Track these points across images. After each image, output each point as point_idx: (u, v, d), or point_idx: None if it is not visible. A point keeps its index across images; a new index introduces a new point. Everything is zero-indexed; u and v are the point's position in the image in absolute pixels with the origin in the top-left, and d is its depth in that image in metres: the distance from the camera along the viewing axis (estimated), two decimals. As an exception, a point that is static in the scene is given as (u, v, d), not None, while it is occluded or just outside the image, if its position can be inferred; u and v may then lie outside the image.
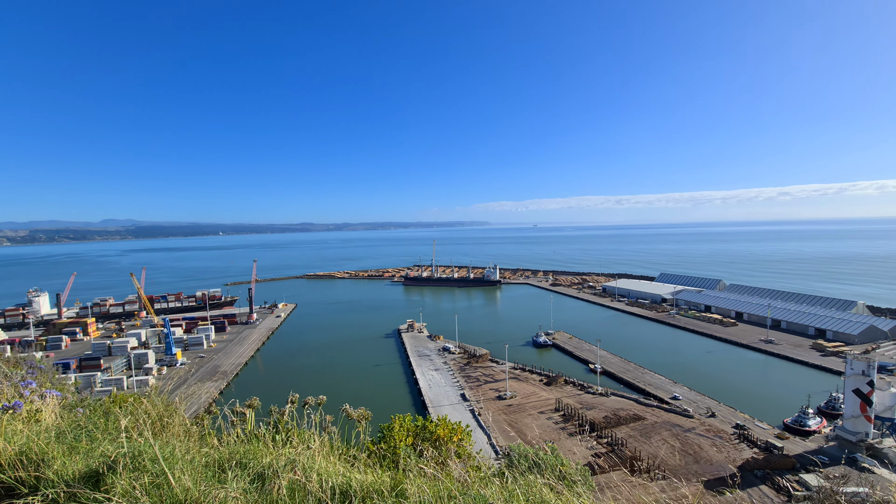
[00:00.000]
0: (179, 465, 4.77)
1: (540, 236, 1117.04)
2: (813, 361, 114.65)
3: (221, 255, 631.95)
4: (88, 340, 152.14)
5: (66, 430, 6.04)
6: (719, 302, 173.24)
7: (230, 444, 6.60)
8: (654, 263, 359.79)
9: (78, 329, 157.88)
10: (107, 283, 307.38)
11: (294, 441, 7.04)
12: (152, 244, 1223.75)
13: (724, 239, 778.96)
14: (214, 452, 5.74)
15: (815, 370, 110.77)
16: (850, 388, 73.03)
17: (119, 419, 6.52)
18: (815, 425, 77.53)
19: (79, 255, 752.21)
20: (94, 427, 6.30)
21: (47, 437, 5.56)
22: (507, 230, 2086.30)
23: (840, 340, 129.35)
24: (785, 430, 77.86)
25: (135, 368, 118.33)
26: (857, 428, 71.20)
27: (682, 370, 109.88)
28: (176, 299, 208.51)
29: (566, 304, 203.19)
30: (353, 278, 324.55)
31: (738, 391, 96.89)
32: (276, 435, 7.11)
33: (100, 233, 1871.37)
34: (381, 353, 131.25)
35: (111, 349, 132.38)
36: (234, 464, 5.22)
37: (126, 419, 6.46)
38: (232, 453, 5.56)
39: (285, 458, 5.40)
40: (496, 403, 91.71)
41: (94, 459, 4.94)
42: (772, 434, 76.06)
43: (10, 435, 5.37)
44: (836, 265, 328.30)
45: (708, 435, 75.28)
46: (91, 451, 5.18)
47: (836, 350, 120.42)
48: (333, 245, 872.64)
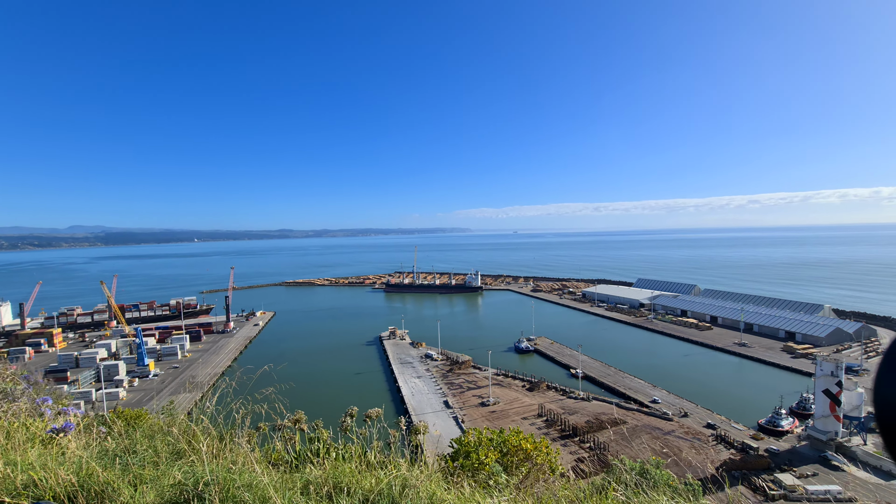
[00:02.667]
0: (277, 494, 4.07)
1: (520, 243, 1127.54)
2: (784, 363, 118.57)
3: (197, 263, 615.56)
4: (54, 352, 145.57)
5: (110, 454, 5.03)
6: (695, 307, 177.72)
7: (322, 465, 5.60)
8: (632, 269, 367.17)
9: (43, 340, 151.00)
10: (74, 292, 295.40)
11: (371, 459, 6.22)
12: (123, 251, 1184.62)
13: (698, 245, 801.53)
14: (304, 476, 4.95)
15: (786, 372, 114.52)
16: (820, 389, 75.61)
17: (176, 440, 5.50)
18: (787, 425, 79.96)
19: (44, 263, 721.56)
20: (135, 450, 5.28)
21: (101, 462, 4.59)
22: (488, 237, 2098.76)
23: (809, 343, 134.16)
24: (759, 431, 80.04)
25: (104, 381, 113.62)
26: (827, 427, 73.68)
27: (661, 373, 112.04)
28: (148, 308, 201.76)
29: (547, 309, 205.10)
30: (333, 285, 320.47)
31: (714, 393, 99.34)
32: (327, 451, 6.27)
33: (67, 239, 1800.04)
34: (362, 361, 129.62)
35: (79, 360, 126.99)
36: (336, 489, 4.53)
37: (183, 440, 5.52)
38: (326, 477, 4.82)
39: (400, 481, 4.68)
40: (479, 410, 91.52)
41: (167, 489, 4.13)
42: (747, 435, 78.06)
43: (60, 461, 4.43)
44: (803, 270, 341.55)
45: (687, 437, 76.75)
46: (159, 480, 4.33)
47: (806, 352, 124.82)
48: (313, 252, 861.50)
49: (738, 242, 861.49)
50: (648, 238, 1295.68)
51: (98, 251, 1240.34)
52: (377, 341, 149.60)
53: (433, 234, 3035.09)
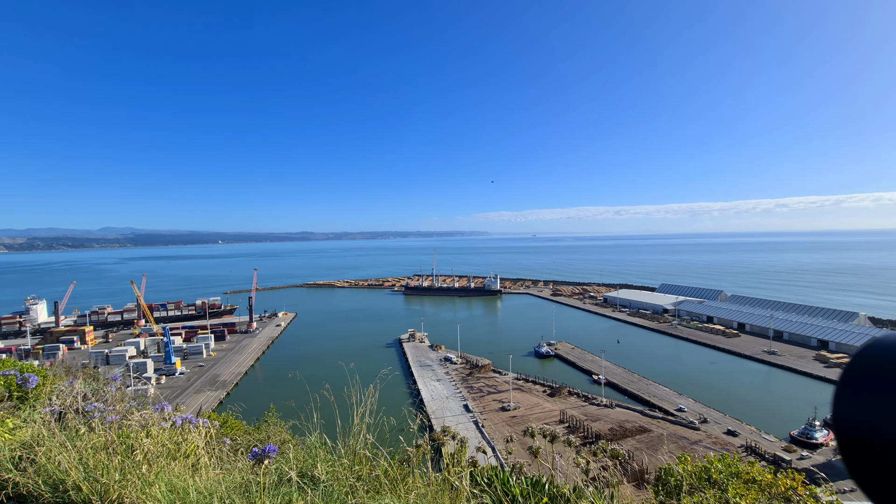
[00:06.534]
0: None
1: (539, 246, 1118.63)
2: (816, 373, 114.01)
3: (221, 264, 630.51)
4: (86, 349, 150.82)
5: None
6: (721, 313, 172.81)
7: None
8: (655, 274, 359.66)
9: (76, 337, 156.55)
10: (105, 291, 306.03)
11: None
12: (151, 252, 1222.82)
13: (723, 250, 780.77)
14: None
15: (818, 381, 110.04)
16: (857, 401, 72.27)
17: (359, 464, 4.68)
18: (821, 438, 76.74)
19: (77, 263, 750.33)
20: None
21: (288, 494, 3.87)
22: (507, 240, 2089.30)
23: (843, 352, 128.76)
24: (792, 443, 77.11)
25: (133, 378, 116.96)
26: (865, 441, 70.27)
27: (686, 381, 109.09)
28: (175, 307, 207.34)
29: (567, 314, 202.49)
30: (353, 287, 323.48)
31: (742, 403, 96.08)
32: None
33: (98, 240, 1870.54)
34: (382, 363, 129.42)
35: (109, 358, 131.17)
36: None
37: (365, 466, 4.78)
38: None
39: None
40: (500, 415, 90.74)
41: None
42: (779, 447, 75.29)
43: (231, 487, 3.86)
44: (836, 276, 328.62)
45: (715, 447, 74.42)
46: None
47: (840, 361, 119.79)
48: (333, 254, 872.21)
49: (766, 247, 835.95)
50: (671, 242, 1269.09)
51: (127, 252, 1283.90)
52: (396, 343, 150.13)
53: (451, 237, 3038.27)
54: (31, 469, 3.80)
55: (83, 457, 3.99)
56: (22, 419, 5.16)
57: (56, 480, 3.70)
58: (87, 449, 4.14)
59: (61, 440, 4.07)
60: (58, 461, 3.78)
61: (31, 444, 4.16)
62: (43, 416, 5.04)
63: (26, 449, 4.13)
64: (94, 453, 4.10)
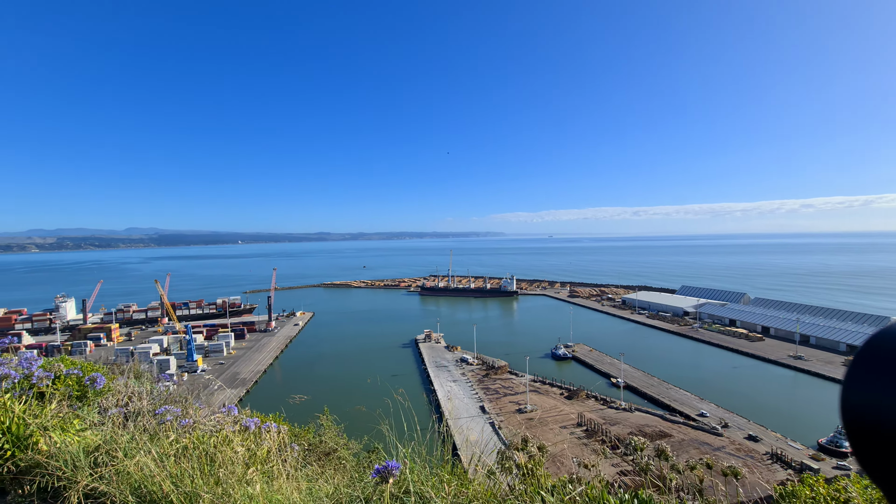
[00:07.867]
0: None
1: (556, 247, 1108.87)
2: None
3: (240, 264, 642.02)
4: (112, 346, 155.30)
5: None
6: (744, 316, 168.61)
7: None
8: (675, 275, 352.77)
9: (102, 334, 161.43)
10: (129, 290, 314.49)
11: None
12: (174, 252, 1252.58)
13: (746, 251, 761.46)
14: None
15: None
16: (890, 409, 69.72)
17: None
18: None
19: (103, 262, 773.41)
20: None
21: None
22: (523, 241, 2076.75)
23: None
24: (820, 451, 74.70)
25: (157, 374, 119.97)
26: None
27: (708, 386, 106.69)
28: (197, 306, 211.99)
29: (584, 315, 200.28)
30: (369, 287, 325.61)
31: (766, 409, 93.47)
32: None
33: (124, 240, 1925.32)
34: (398, 364, 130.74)
35: (134, 355, 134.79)
36: None
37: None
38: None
39: None
40: (516, 417, 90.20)
41: None
42: (806, 455, 73.01)
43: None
44: (866, 279, 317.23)
45: (739, 454, 72.64)
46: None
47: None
48: (349, 254, 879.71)
49: (791, 249, 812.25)
50: (691, 243, 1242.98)
51: (151, 252, 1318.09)
52: (413, 344, 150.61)
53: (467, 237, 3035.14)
54: (109, 472, 3.62)
55: (164, 462, 3.81)
56: (91, 420, 5.04)
57: (138, 485, 3.55)
58: (169, 454, 3.95)
59: (141, 443, 3.96)
60: (140, 465, 3.61)
61: (103, 447, 4.00)
62: (113, 417, 5.12)
63: (100, 452, 3.97)
64: (175, 459, 3.92)
